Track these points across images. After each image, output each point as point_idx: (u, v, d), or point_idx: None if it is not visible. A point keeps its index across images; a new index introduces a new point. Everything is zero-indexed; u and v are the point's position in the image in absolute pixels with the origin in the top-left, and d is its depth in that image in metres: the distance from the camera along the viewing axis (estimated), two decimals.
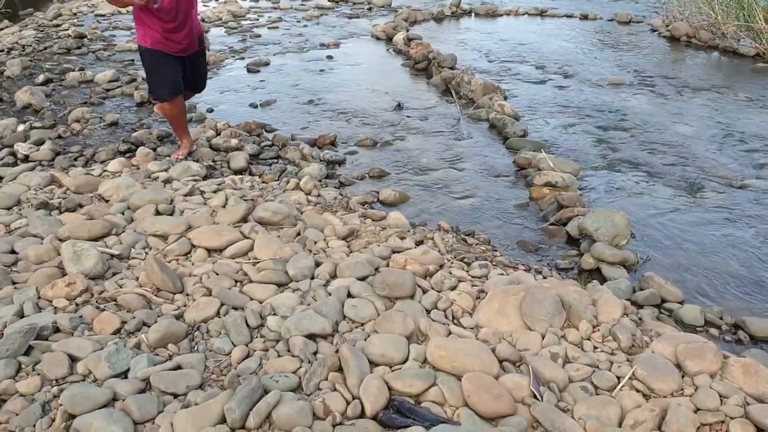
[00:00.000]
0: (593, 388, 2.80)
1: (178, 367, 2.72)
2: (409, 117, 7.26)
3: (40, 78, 7.92)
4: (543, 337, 3.07)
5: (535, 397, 2.68)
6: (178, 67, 5.22)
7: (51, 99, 7.34)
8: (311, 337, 2.97)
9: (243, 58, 9.73)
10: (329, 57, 9.97)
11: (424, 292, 3.43)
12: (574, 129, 6.97)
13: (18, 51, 9.44)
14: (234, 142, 5.95)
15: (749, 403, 2.71)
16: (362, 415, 2.56)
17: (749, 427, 2.59)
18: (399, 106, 7.57)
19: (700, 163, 6.05)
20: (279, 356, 2.87)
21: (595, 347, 3.07)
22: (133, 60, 9.32)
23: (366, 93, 8.17)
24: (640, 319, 3.45)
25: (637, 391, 2.79)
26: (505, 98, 7.85)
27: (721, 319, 3.73)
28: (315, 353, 2.89)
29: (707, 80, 8.98)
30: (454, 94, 8.07)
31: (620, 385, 2.80)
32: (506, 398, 2.59)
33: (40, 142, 5.79)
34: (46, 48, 9.69)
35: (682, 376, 2.87)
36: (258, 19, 12.46)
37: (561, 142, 6.55)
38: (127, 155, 5.60)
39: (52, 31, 10.81)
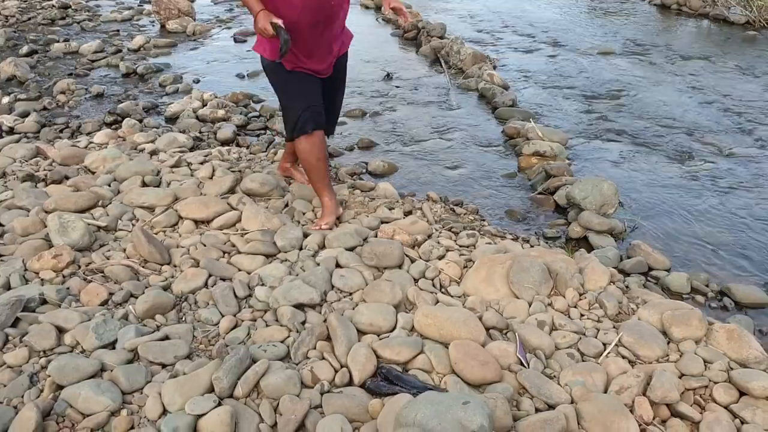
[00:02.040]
0: (579, 354, 2.82)
1: (166, 338, 2.72)
2: (398, 87, 7.21)
3: (24, 49, 7.81)
4: (530, 305, 3.09)
5: (521, 364, 2.71)
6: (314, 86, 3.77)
7: (36, 70, 7.25)
8: (299, 306, 2.97)
9: (230, 28, 9.62)
10: None
11: (412, 261, 3.44)
12: (563, 98, 6.95)
13: (1, 22, 9.30)
14: (221, 113, 5.91)
15: (732, 368, 2.74)
16: (350, 383, 2.58)
17: (732, 391, 2.62)
18: (388, 76, 7.52)
19: (689, 131, 6.05)
20: (267, 326, 2.88)
21: (582, 315, 3.09)
22: (118, 31, 9.21)
23: (355, 63, 8.03)
24: (626, 286, 3.47)
25: (623, 357, 2.81)
26: (495, 68, 7.80)
27: (707, 286, 3.76)
28: (303, 323, 2.90)
29: (697, 49, 8.95)
30: (443, 64, 8.01)
31: (606, 352, 2.83)
32: (493, 365, 2.61)
33: (25, 114, 5.73)
34: (29, 19, 9.55)
35: (668, 343, 2.90)
36: None
37: (550, 112, 6.53)
38: (113, 127, 5.55)
39: (36, 2, 10.64)
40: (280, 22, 3.32)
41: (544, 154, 5.25)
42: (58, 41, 8.31)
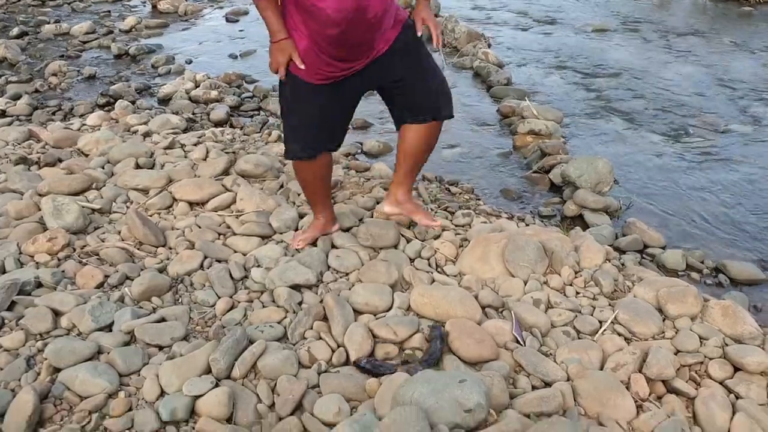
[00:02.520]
0: (575, 332, 2.83)
1: (162, 320, 2.72)
2: None
3: (15, 31, 7.74)
4: (525, 284, 3.09)
5: (517, 342, 2.72)
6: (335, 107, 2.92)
7: (26, 52, 7.19)
8: (296, 287, 2.97)
9: (222, 8, 9.54)
10: None
11: (408, 241, 3.43)
12: (558, 76, 6.92)
13: None
14: (214, 93, 5.87)
15: (727, 344, 2.76)
16: (347, 362, 2.58)
17: (727, 366, 2.64)
18: None
19: (684, 108, 6.04)
20: (264, 307, 2.88)
21: (578, 293, 3.10)
22: (109, 11, 9.12)
23: None
24: (622, 264, 3.47)
25: (619, 334, 2.82)
26: (489, 46, 7.76)
27: (702, 263, 3.77)
28: (300, 303, 2.90)
29: (692, 25, 8.91)
30: None
31: (602, 330, 2.84)
32: (489, 343, 2.62)
33: (16, 97, 5.69)
34: (19, 0, 9.45)
35: (663, 320, 2.91)
36: None
37: (545, 90, 6.51)
38: (106, 109, 5.51)
39: None
40: (299, 63, 2.67)
41: (539, 132, 5.23)
42: (48, 23, 8.23)
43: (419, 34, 2.84)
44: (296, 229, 3.49)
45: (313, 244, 3.30)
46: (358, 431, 2.02)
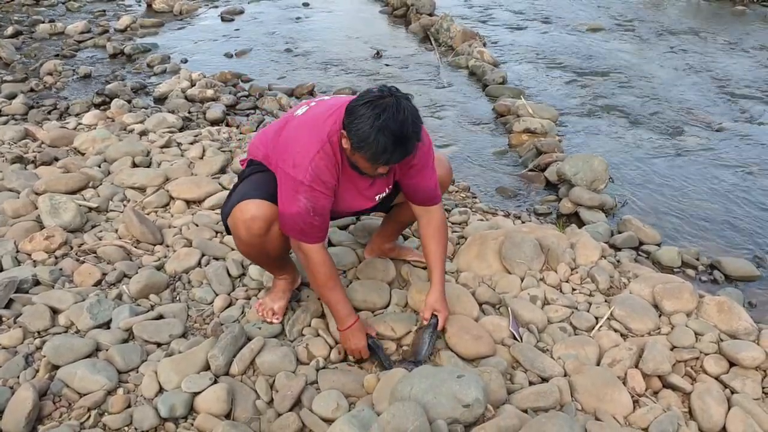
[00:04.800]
0: (572, 328, 2.85)
1: (161, 317, 2.72)
2: (388, 65, 7.18)
3: (9, 30, 7.72)
4: (522, 280, 3.10)
5: (514, 338, 2.73)
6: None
7: (21, 52, 7.18)
8: None
9: (216, 7, 9.54)
10: (305, 4, 9.80)
11: (405, 238, 3.44)
12: (553, 75, 6.94)
13: None
14: (210, 92, 5.87)
15: (723, 340, 2.77)
16: (345, 359, 2.60)
17: (722, 362, 2.66)
18: (378, 54, 7.49)
19: (679, 106, 6.06)
20: None
21: (574, 289, 3.11)
22: (104, 11, 9.11)
23: (344, 41, 8.06)
24: (618, 261, 3.49)
25: (615, 330, 2.84)
26: (485, 45, 7.78)
27: (697, 259, 3.79)
28: (298, 300, 2.90)
29: (687, 24, 8.95)
30: (433, 42, 7.98)
31: (598, 326, 2.85)
32: (486, 339, 2.63)
33: (12, 96, 5.69)
34: None
35: (659, 316, 2.93)
36: None
37: (540, 89, 6.53)
38: (102, 108, 5.51)
39: None
40: (374, 333, 2.62)
41: (534, 131, 5.25)
42: (43, 22, 8.21)
43: (425, 323, 2.62)
44: None
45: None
46: (356, 427, 2.03)
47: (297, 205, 2.28)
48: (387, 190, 2.58)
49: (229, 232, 2.54)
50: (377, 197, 2.56)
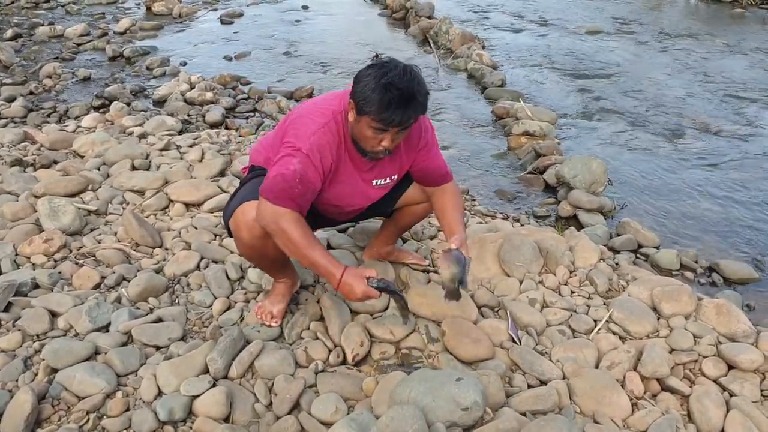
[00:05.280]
0: (570, 331, 2.85)
1: (160, 320, 2.72)
2: None
3: (9, 33, 7.74)
4: (521, 283, 3.11)
5: (513, 341, 2.73)
6: None
7: (21, 55, 7.18)
8: None
9: (216, 9, 9.56)
10: (305, 7, 9.81)
11: (404, 241, 3.45)
12: (552, 78, 6.95)
13: None
14: (209, 95, 5.88)
15: (721, 342, 2.78)
16: (344, 362, 2.59)
17: (721, 364, 2.66)
18: (377, 57, 7.49)
19: (677, 109, 6.07)
20: None
21: (573, 292, 3.12)
22: (103, 14, 9.11)
23: (343, 44, 8.07)
24: (616, 263, 3.49)
25: (614, 333, 2.84)
26: (484, 48, 7.79)
27: (696, 262, 3.79)
28: (296, 303, 2.90)
29: (685, 26, 8.96)
30: (432, 44, 7.99)
31: (597, 328, 2.85)
32: (485, 342, 2.63)
33: (11, 99, 5.69)
34: (12, 2, 9.45)
35: (658, 318, 2.93)
36: None
37: (539, 91, 6.54)
38: (101, 110, 5.52)
39: None
40: (374, 273, 2.30)
41: (533, 133, 5.26)
42: (42, 25, 8.22)
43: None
44: None
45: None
46: (355, 430, 2.03)
47: (287, 168, 2.24)
48: (388, 180, 2.56)
49: (230, 234, 2.53)
50: (376, 182, 2.54)
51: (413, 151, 2.52)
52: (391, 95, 2.13)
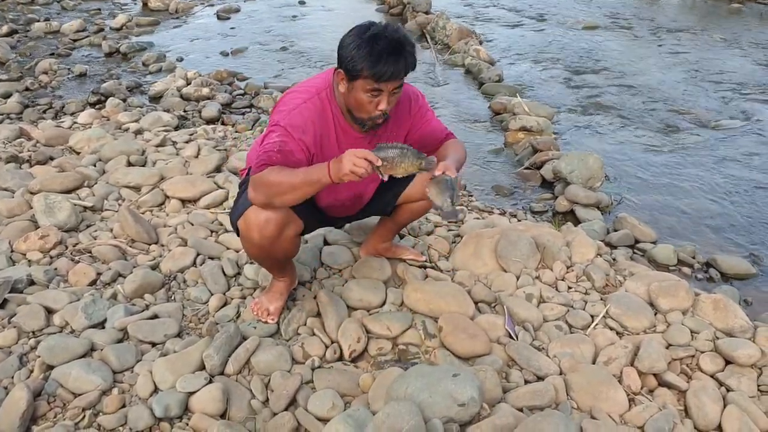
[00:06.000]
0: (567, 326, 2.85)
1: (155, 317, 2.72)
2: None
3: (4, 29, 7.70)
4: (518, 279, 3.10)
5: (510, 336, 2.73)
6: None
7: (16, 51, 7.15)
8: None
9: (212, 5, 9.53)
10: (301, 2, 9.79)
11: (401, 237, 3.44)
12: (549, 73, 6.94)
13: None
14: (205, 91, 5.86)
15: (718, 338, 2.77)
16: (341, 358, 2.59)
17: (718, 359, 2.66)
18: None
19: (675, 104, 6.07)
20: None
21: (570, 287, 3.11)
22: (99, 9, 9.08)
23: (340, 39, 8.04)
24: (613, 259, 3.49)
25: (611, 329, 2.84)
26: (481, 43, 7.77)
27: (693, 257, 3.79)
28: (293, 299, 2.90)
29: (683, 22, 8.95)
30: (429, 40, 7.98)
31: (594, 324, 2.85)
32: (482, 338, 2.63)
33: (6, 95, 5.68)
34: None
35: (655, 314, 2.93)
36: None
37: (536, 87, 6.53)
38: (97, 107, 5.51)
39: None
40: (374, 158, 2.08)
41: (530, 129, 5.25)
42: (38, 20, 8.19)
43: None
44: None
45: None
46: (352, 426, 2.02)
47: (267, 142, 2.23)
48: None
49: (238, 234, 2.51)
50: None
51: (407, 119, 2.50)
52: (380, 46, 2.11)
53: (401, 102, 2.43)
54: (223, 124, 5.33)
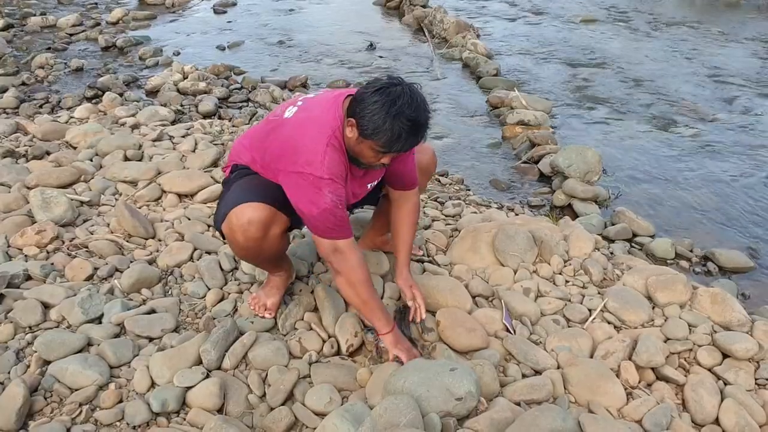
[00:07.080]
0: (565, 320, 2.84)
1: (152, 312, 2.71)
2: (381, 57, 7.16)
3: (0, 23, 7.67)
4: (515, 273, 3.10)
5: (507, 330, 2.72)
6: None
7: (12, 45, 7.13)
8: None
9: None
10: None
11: None
12: (546, 67, 6.93)
13: None
14: (202, 85, 5.85)
15: (716, 331, 2.77)
16: (338, 352, 2.58)
17: (716, 353, 2.66)
18: (371, 47, 7.46)
19: (673, 98, 6.06)
20: None
21: (567, 281, 3.11)
22: (96, 3, 9.05)
23: (337, 33, 8.03)
24: (611, 253, 3.49)
25: (609, 323, 2.84)
26: (478, 37, 7.76)
27: (691, 251, 3.79)
28: (291, 294, 2.89)
29: (681, 15, 8.94)
30: (426, 33, 7.96)
31: (592, 318, 2.85)
32: (479, 332, 2.63)
33: (3, 90, 5.66)
34: None
35: (653, 308, 2.93)
36: None
37: (534, 81, 6.52)
38: (94, 101, 5.49)
39: None
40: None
41: (528, 123, 5.24)
42: (34, 15, 8.17)
43: (409, 303, 2.63)
44: None
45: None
46: (349, 420, 2.02)
47: (324, 201, 2.21)
48: (376, 182, 2.55)
49: (224, 238, 2.49)
50: (369, 185, 2.53)
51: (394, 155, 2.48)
52: (402, 126, 2.09)
53: None
54: (220, 118, 5.31)
